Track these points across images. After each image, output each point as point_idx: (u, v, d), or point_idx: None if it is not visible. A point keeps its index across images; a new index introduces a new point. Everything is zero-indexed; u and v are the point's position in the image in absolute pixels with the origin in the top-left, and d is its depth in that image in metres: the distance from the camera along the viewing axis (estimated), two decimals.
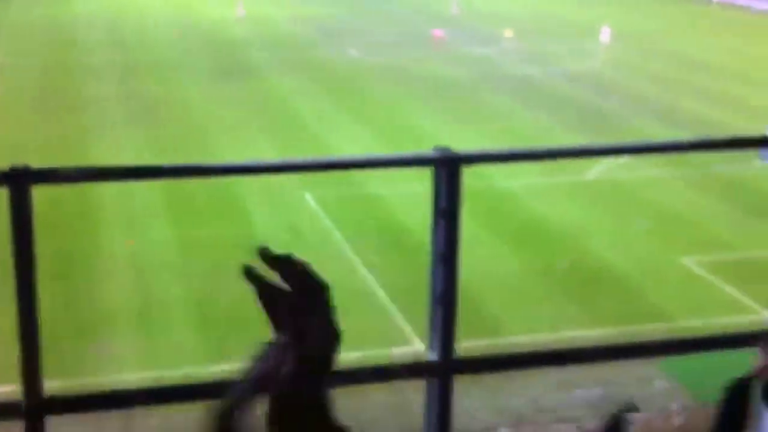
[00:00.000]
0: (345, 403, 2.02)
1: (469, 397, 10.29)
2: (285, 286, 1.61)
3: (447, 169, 5.76)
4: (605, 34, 47.57)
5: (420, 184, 8.64)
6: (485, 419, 12.18)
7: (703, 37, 50.51)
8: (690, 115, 32.05)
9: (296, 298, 1.61)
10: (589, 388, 13.27)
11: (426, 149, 5.79)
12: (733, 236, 21.14)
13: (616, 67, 42.04)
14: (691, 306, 17.59)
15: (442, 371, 5.77)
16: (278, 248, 1.60)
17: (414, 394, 6.56)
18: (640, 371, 13.34)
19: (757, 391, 4.58)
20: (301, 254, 1.62)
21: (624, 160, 25.01)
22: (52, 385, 4.94)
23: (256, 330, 1.76)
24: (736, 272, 19.14)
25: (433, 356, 5.78)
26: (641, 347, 6.78)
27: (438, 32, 48.56)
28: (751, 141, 9.44)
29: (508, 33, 48.25)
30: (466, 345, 6.21)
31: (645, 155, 22.07)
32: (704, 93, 35.79)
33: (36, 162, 5.89)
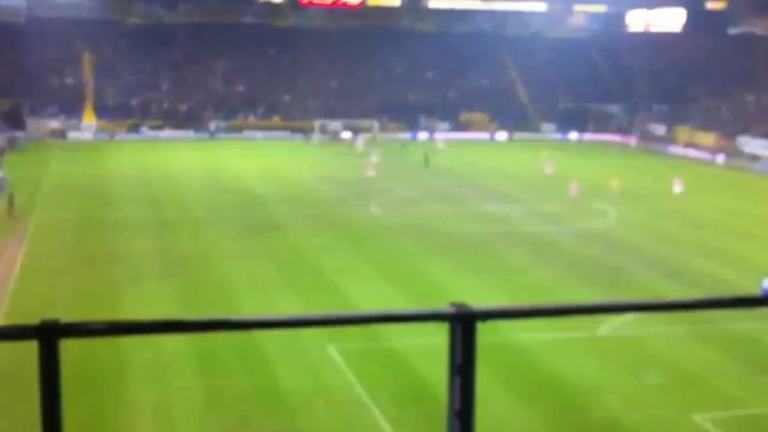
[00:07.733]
0: None
1: None
2: None
3: (463, 325, 6.08)
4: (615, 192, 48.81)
5: (439, 337, 8.94)
6: None
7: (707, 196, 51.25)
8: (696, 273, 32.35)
9: None
10: None
11: (444, 303, 6.11)
12: (742, 392, 21.17)
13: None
14: None
15: None
16: (303, 397, 1.86)
17: None
18: None
19: None
20: (324, 405, 1.88)
21: (635, 316, 25.12)
22: None
23: None
24: (746, 429, 19.12)
25: None
26: None
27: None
28: (754, 300, 9.61)
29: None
30: None
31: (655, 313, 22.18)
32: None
33: (67, 315, 6.21)
